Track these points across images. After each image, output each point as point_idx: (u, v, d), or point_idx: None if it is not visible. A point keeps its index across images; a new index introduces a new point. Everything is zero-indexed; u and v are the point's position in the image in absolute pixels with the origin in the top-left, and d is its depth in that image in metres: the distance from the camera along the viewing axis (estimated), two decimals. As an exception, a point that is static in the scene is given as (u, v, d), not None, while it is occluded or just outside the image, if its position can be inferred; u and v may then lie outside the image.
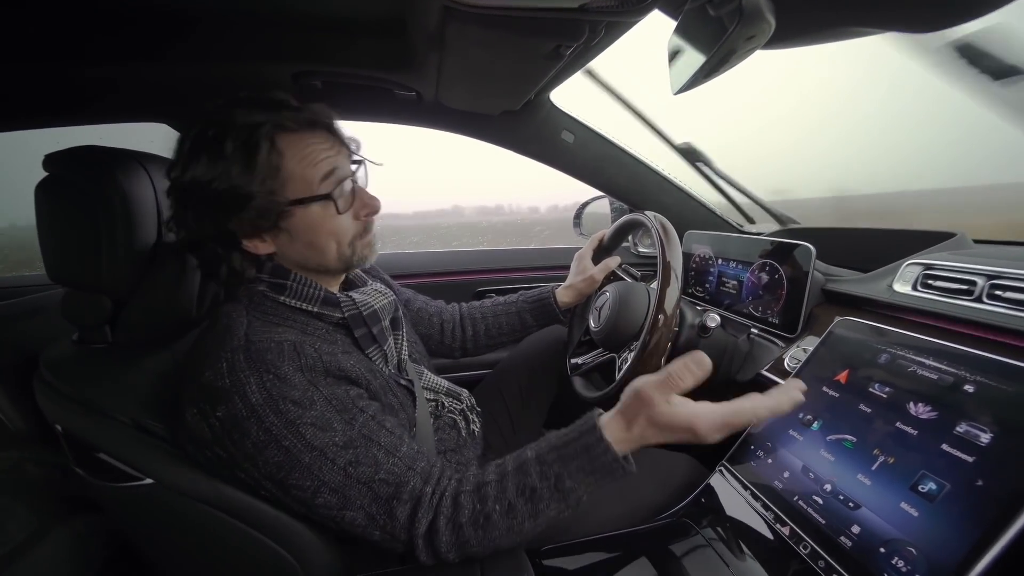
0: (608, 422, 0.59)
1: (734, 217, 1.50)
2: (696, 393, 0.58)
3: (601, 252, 1.11)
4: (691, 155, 1.42)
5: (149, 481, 0.63)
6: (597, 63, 0.99)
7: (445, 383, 0.89)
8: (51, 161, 0.68)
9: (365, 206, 0.71)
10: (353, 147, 0.73)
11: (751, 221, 1.53)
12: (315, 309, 0.69)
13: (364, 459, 0.59)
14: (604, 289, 1.01)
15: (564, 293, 1.08)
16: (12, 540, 0.75)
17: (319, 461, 0.57)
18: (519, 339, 1.12)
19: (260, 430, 0.57)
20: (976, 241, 0.96)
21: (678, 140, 1.41)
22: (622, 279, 1.09)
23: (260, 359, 0.59)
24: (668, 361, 0.84)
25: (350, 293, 0.74)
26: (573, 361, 1.07)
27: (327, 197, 0.66)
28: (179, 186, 0.63)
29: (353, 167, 0.72)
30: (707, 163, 1.42)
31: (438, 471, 0.62)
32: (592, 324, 0.99)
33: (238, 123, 0.62)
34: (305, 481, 0.57)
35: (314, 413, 0.58)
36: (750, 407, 0.58)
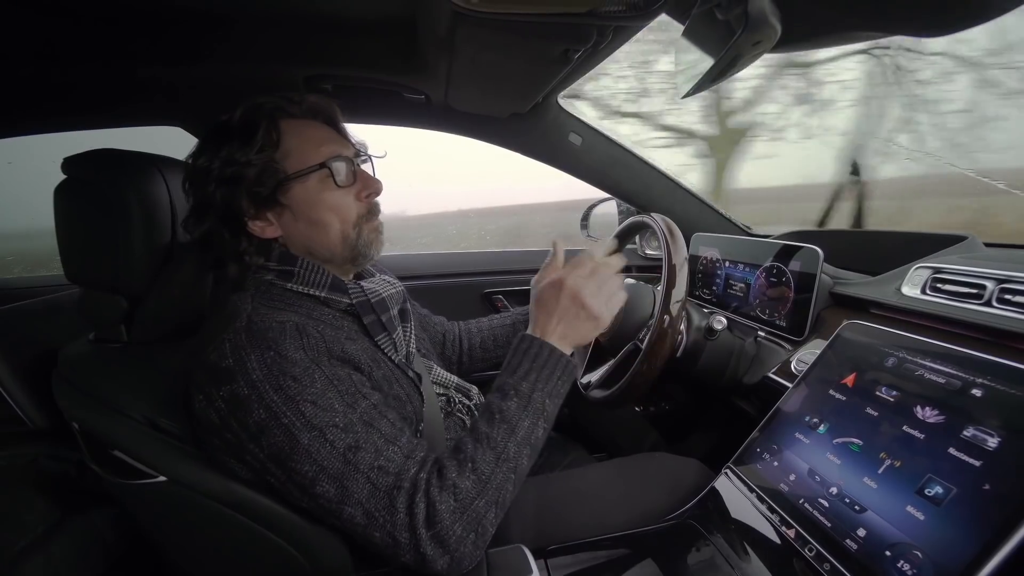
0: (531, 328, 0.68)
1: (744, 221, 1.49)
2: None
3: None
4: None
5: (162, 478, 0.64)
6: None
7: (455, 379, 0.89)
8: (69, 164, 0.69)
9: (366, 187, 0.73)
10: (356, 144, 0.77)
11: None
12: (322, 295, 0.70)
13: (364, 444, 0.57)
14: None
15: None
16: (31, 532, 0.76)
17: (318, 442, 0.56)
18: None
19: (261, 407, 0.56)
20: (987, 244, 0.95)
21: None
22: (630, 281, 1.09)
23: (262, 336, 0.59)
24: (671, 361, 0.84)
25: (358, 281, 0.75)
26: (583, 380, 1.05)
27: (323, 167, 0.68)
28: (191, 174, 0.68)
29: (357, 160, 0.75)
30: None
31: (432, 456, 0.61)
32: None
33: (242, 108, 0.68)
34: (304, 466, 0.56)
35: (314, 391, 0.58)
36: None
